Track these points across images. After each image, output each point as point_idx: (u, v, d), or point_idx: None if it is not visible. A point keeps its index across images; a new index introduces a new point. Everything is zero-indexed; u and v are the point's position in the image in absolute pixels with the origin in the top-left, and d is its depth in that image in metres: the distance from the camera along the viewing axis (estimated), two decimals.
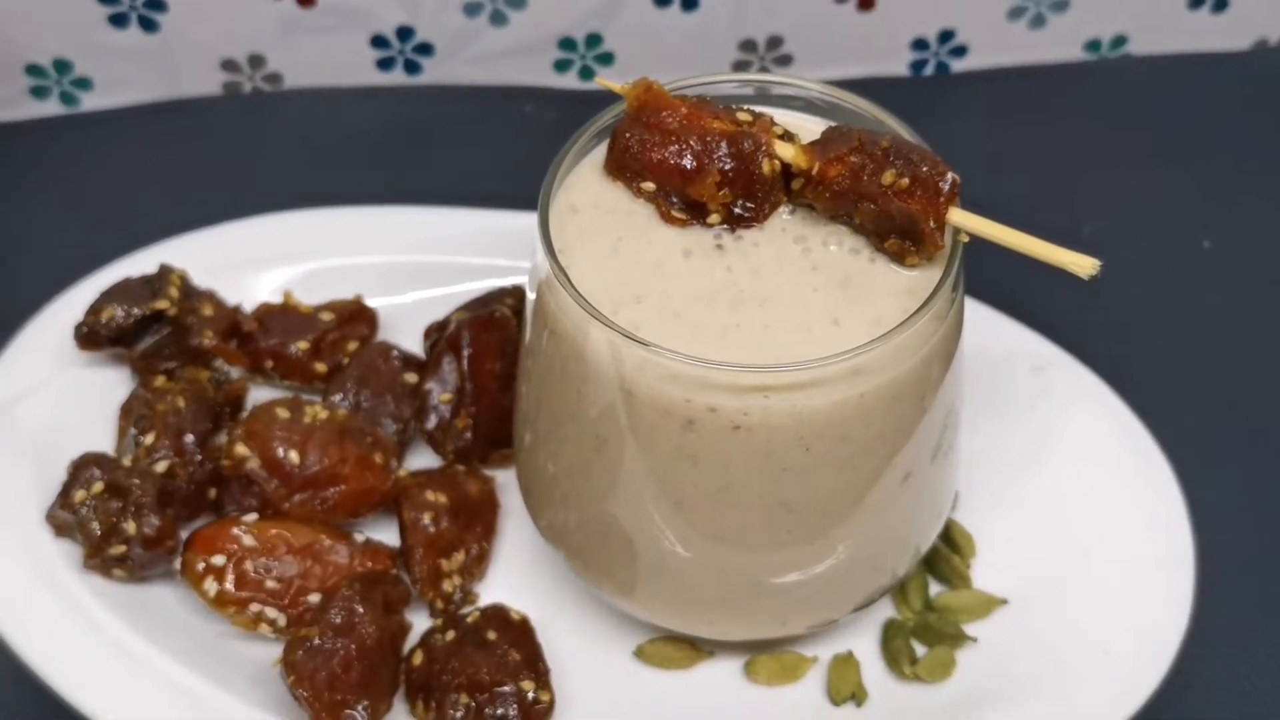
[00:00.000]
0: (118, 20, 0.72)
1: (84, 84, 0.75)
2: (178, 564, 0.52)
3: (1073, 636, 0.53)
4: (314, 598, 0.52)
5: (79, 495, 0.52)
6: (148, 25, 0.73)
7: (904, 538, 0.50)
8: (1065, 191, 0.73)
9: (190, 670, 0.51)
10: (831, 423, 0.44)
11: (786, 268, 0.46)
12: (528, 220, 0.49)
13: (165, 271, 0.58)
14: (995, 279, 0.57)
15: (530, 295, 0.50)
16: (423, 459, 0.60)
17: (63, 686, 0.49)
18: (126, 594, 0.53)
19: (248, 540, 0.52)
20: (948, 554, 0.56)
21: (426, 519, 0.55)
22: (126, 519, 0.51)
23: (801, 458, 0.44)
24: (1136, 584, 0.54)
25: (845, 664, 0.53)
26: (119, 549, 0.51)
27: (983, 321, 0.61)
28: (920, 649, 0.54)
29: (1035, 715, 0.50)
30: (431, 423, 0.58)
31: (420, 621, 0.54)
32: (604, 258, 0.47)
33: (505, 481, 0.59)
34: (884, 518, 0.48)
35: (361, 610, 0.50)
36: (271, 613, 0.52)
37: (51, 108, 0.76)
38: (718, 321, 0.45)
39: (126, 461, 0.53)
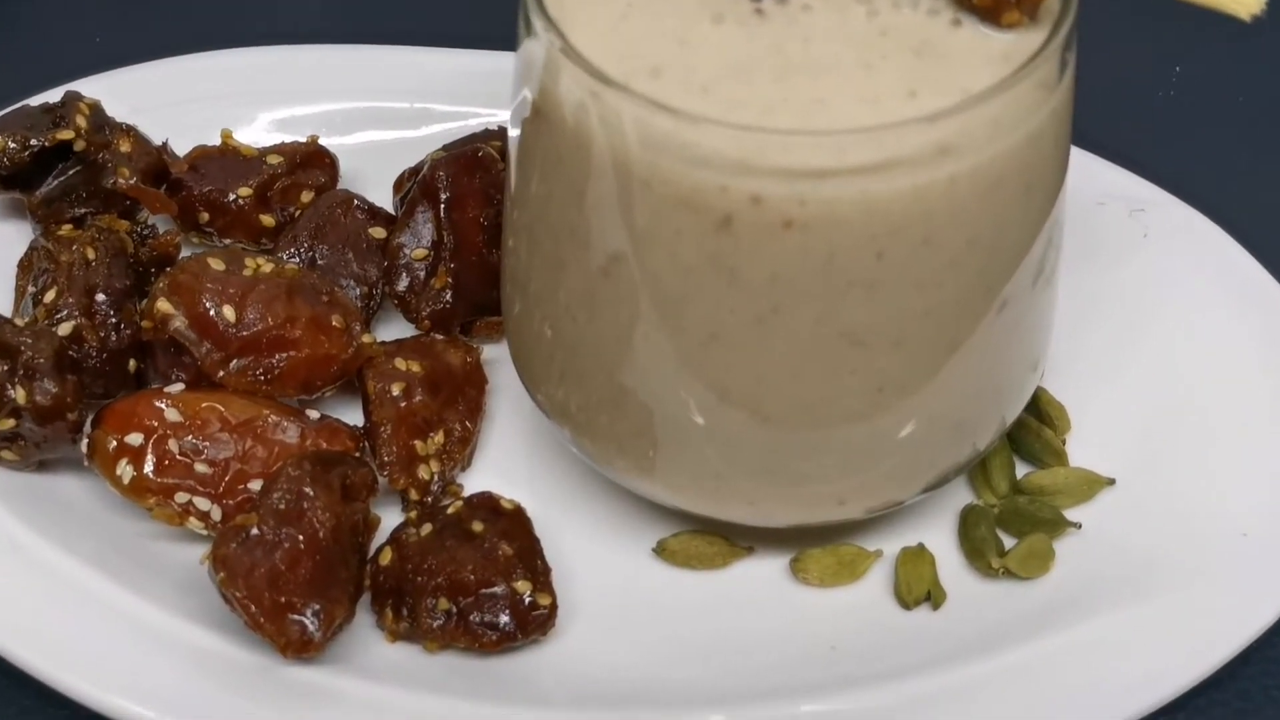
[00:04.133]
0: None
1: None
2: (84, 445, 0.43)
3: (1200, 519, 0.42)
4: (255, 485, 0.42)
5: None
6: None
7: (992, 392, 0.40)
8: None
9: (102, 575, 0.40)
10: (911, 218, 0.33)
11: (847, 33, 0.36)
12: (509, 61, 0.40)
13: (73, 98, 0.48)
14: (1080, 115, 0.47)
15: (514, 132, 0.41)
16: (393, 330, 0.49)
17: None
18: (21, 484, 0.43)
19: (172, 414, 0.42)
20: (1037, 427, 0.45)
21: (396, 390, 0.44)
22: (14, 385, 0.41)
23: (872, 269, 0.34)
24: (1274, 455, 0.45)
25: (917, 558, 0.43)
26: (6, 423, 0.41)
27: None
28: (1008, 541, 0.44)
29: (1161, 612, 0.40)
30: (403, 284, 0.48)
31: (390, 518, 0.44)
32: (611, 26, 0.36)
33: (493, 357, 0.49)
34: (972, 360, 0.38)
35: (312, 494, 0.40)
36: (202, 503, 0.41)
37: None
38: (758, 97, 0.34)
39: (19, 322, 0.44)
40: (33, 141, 0.45)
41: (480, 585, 0.40)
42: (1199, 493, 0.44)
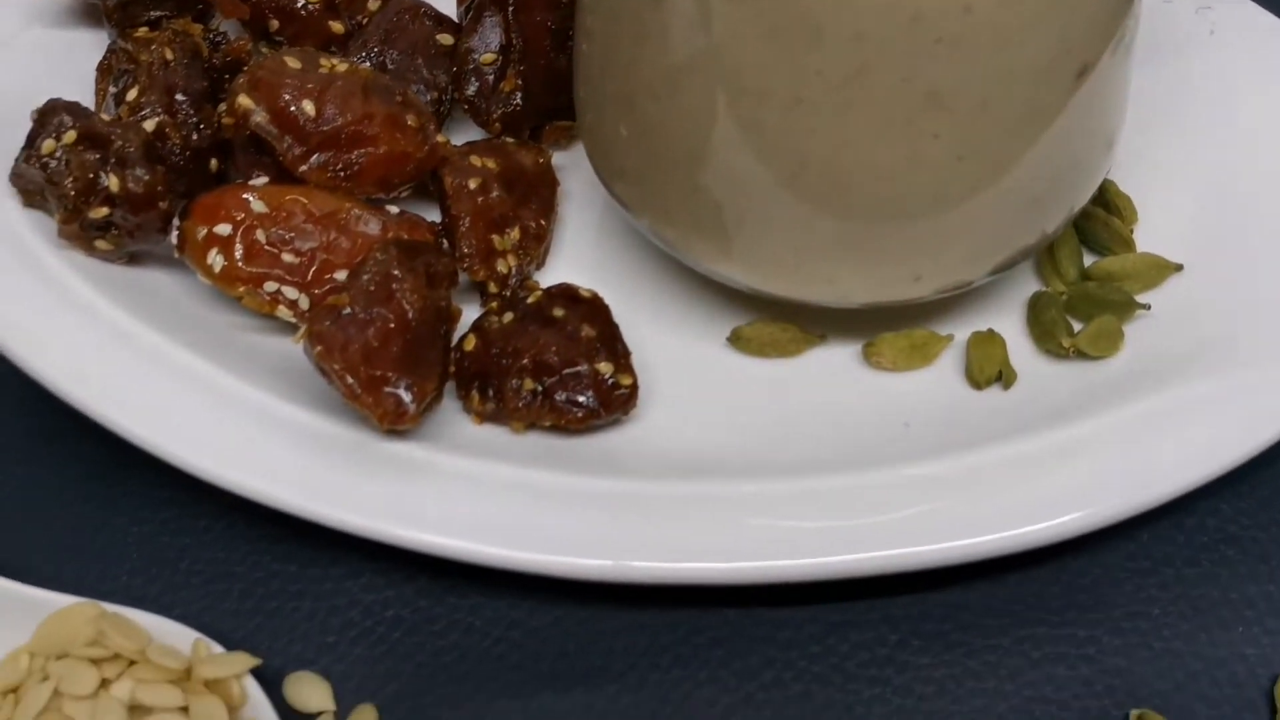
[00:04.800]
0: None
1: None
2: (174, 237, 0.44)
3: (1265, 304, 0.43)
4: (340, 275, 0.43)
5: (47, 145, 0.42)
6: None
7: (1068, 168, 0.40)
8: None
9: (204, 359, 0.41)
10: None
11: None
12: None
13: None
14: None
15: None
16: (464, 135, 0.49)
17: (56, 380, 0.40)
18: (119, 277, 0.44)
19: (258, 206, 0.43)
20: (1105, 218, 0.46)
21: (473, 184, 0.45)
22: (107, 173, 0.42)
23: (960, 22, 0.34)
24: None
25: (987, 341, 0.44)
26: (100, 211, 0.42)
27: None
28: (1076, 327, 0.45)
29: (1224, 388, 0.41)
30: (472, 88, 0.48)
31: (470, 314, 0.45)
32: None
33: (562, 163, 0.50)
34: (1050, 129, 0.38)
35: (400, 276, 0.41)
36: (290, 292, 0.43)
37: None
38: None
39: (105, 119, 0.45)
40: None
41: (564, 365, 0.42)
42: (1264, 278, 0.44)
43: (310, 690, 0.40)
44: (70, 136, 0.42)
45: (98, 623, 0.39)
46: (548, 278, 0.47)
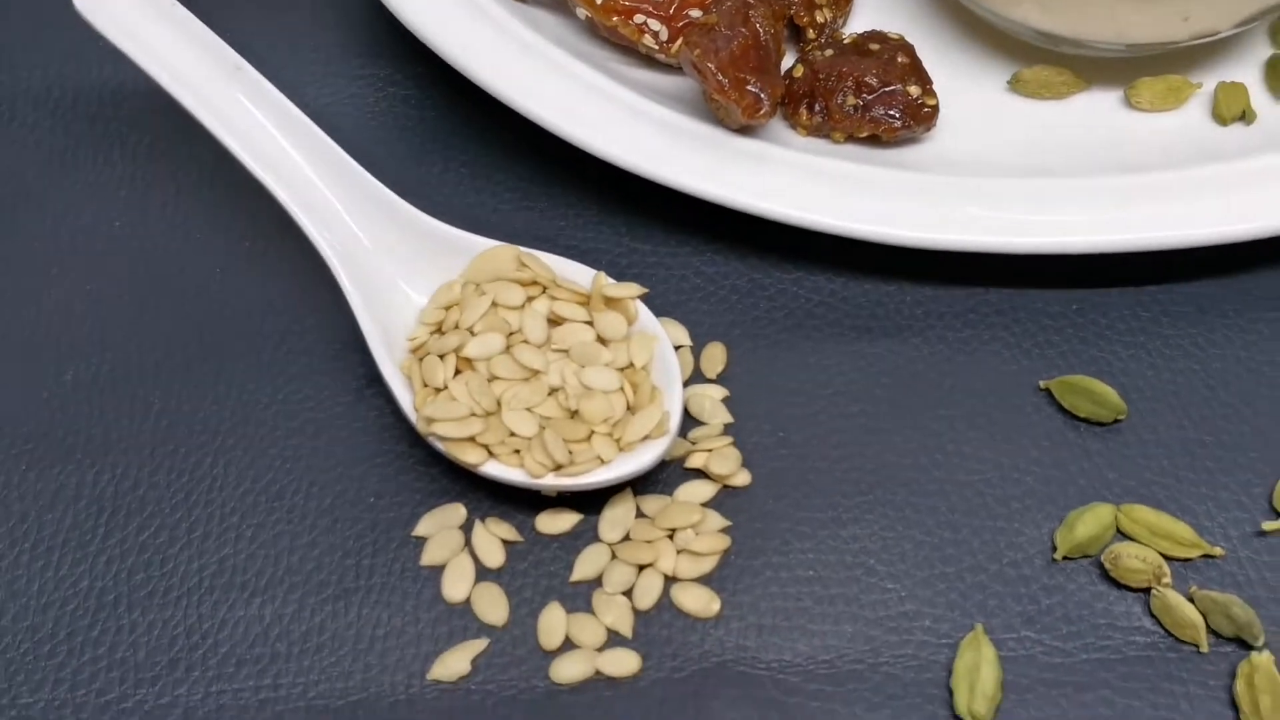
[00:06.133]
0: None
1: None
2: None
3: None
4: (695, 13, 0.53)
5: None
6: None
7: None
8: None
9: (587, 66, 0.51)
10: None
11: None
12: None
13: None
14: None
15: None
16: None
17: (490, 81, 0.50)
18: (520, 11, 0.54)
19: None
20: None
21: None
22: None
23: None
24: None
25: (1232, 86, 0.52)
26: None
27: None
28: None
29: None
30: None
31: (790, 59, 0.55)
32: None
33: None
34: None
35: (753, 4, 0.50)
36: (655, 25, 0.53)
37: None
38: None
39: None
40: None
41: (882, 85, 0.51)
42: None
43: (672, 329, 0.50)
44: None
45: (519, 258, 0.49)
46: (850, 29, 0.57)
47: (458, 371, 0.47)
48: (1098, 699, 0.42)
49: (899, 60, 0.52)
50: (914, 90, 0.52)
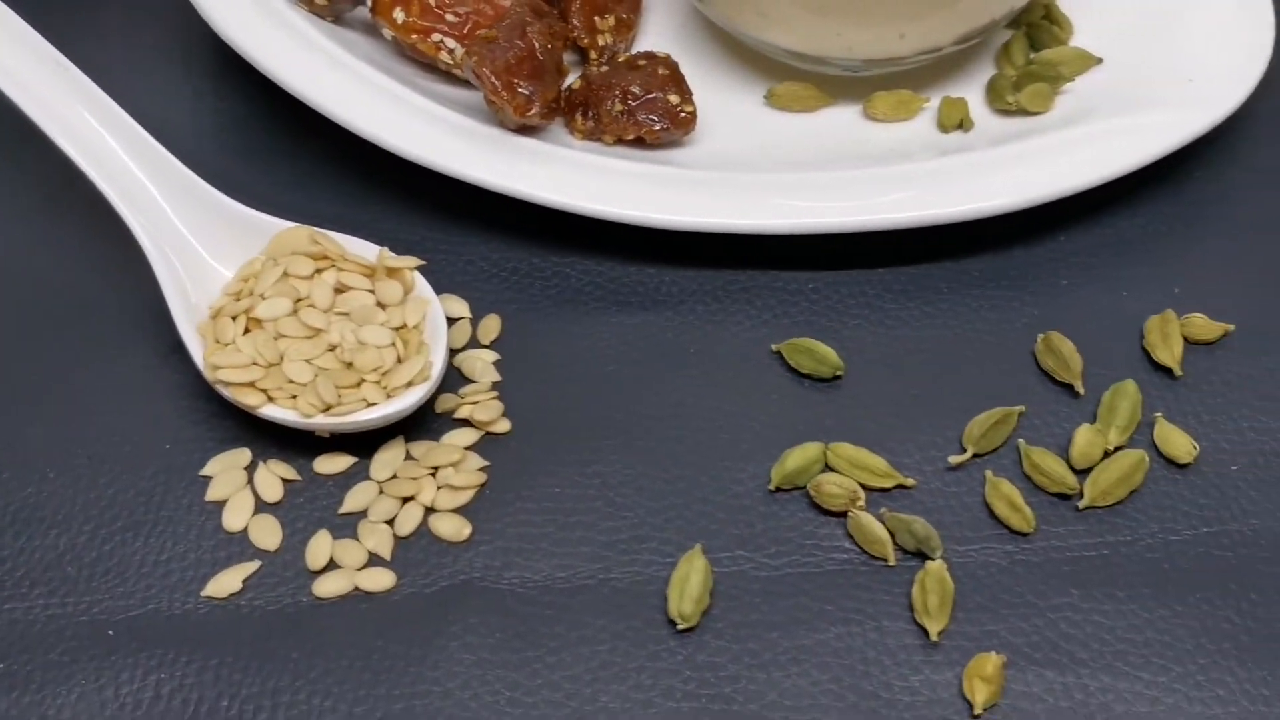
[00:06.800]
0: None
1: None
2: (369, 1, 0.60)
3: (1160, 75, 0.59)
4: (484, 32, 0.60)
5: None
6: None
7: None
8: None
9: (388, 78, 0.58)
10: None
11: None
12: None
13: None
14: None
15: None
16: None
17: (295, 84, 0.56)
18: (328, 31, 0.60)
19: None
20: (1049, 26, 0.62)
21: None
22: None
23: None
24: (1219, 39, 0.59)
25: (954, 101, 0.60)
26: None
27: None
28: None
29: (1119, 126, 0.56)
30: None
31: (577, 74, 0.62)
32: None
33: None
34: None
35: (531, 22, 0.58)
36: (450, 42, 0.60)
37: None
38: None
39: None
40: None
41: (645, 93, 0.58)
42: (1161, 60, 0.59)
43: (453, 303, 0.56)
44: None
45: (312, 236, 0.55)
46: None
47: (248, 331, 0.53)
48: (795, 604, 0.48)
49: (660, 72, 0.59)
50: (674, 98, 0.59)
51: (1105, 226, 0.58)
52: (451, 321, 0.56)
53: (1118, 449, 0.50)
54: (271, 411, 0.51)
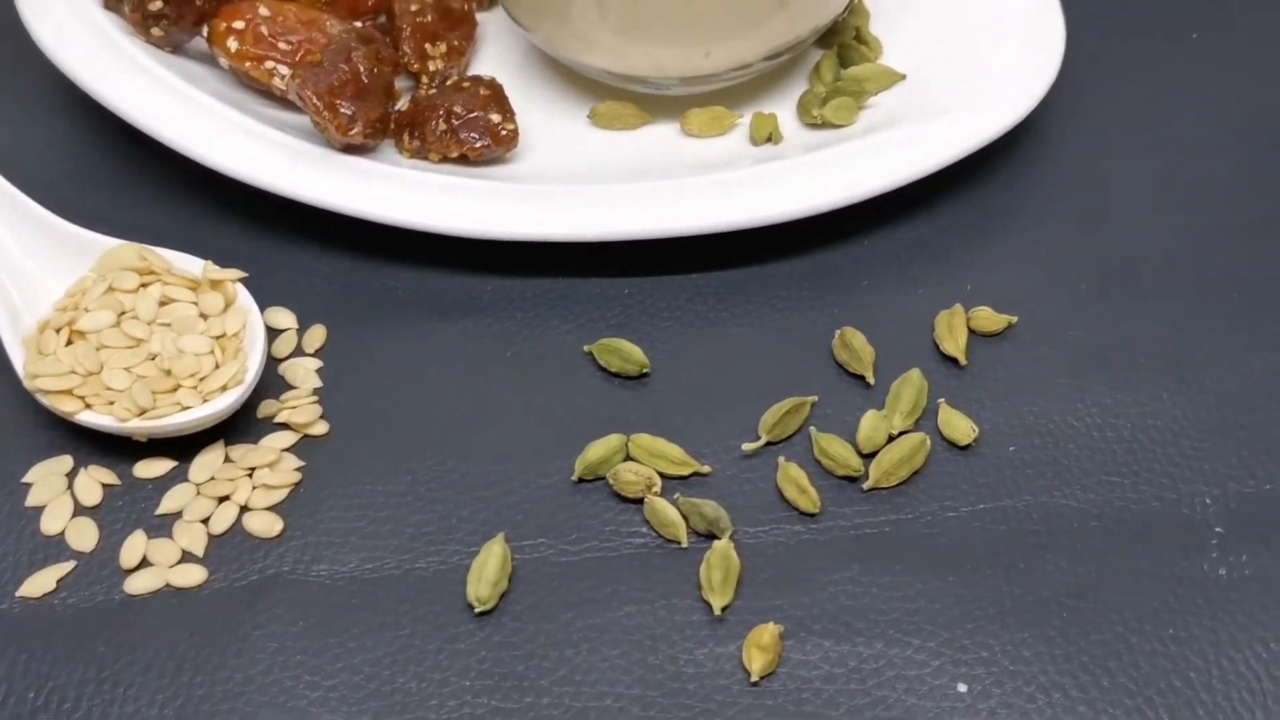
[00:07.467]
0: None
1: None
2: (205, 31, 0.63)
3: (957, 88, 0.62)
4: (312, 58, 0.62)
5: None
6: None
7: None
8: None
9: (226, 106, 0.60)
10: None
11: None
12: None
13: None
14: None
15: None
16: None
17: (129, 111, 0.58)
18: (168, 60, 0.62)
19: (264, 11, 0.62)
20: (857, 46, 0.66)
21: (414, 8, 0.64)
22: None
23: None
24: (1007, 64, 0.62)
25: (764, 117, 0.63)
26: (155, 4, 0.61)
27: None
28: None
29: (913, 135, 0.59)
30: None
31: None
32: None
33: (485, 18, 0.68)
34: None
35: (356, 47, 0.60)
36: (282, 69, 0.62)
37: None
38: None
39: None
40: None
41: (467, 112, 0.61)
42: (956, 82, 0.62)
43: (280, 315, 0.58)
44: None
45: (140, 252, 0.56)
46: None
47: (70, 342, 0.54)
48: (590, 586, 0.50)
49: (483, 93, 0.61)
50: (495, 117, 0.61)
51: (905, 230, 0.61)
52: (279, 332, 0.58)
53: (902, 433, 0.53)
54: (89, 417, 0.52)
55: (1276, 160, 0.64)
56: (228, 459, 0.53)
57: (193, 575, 0.50)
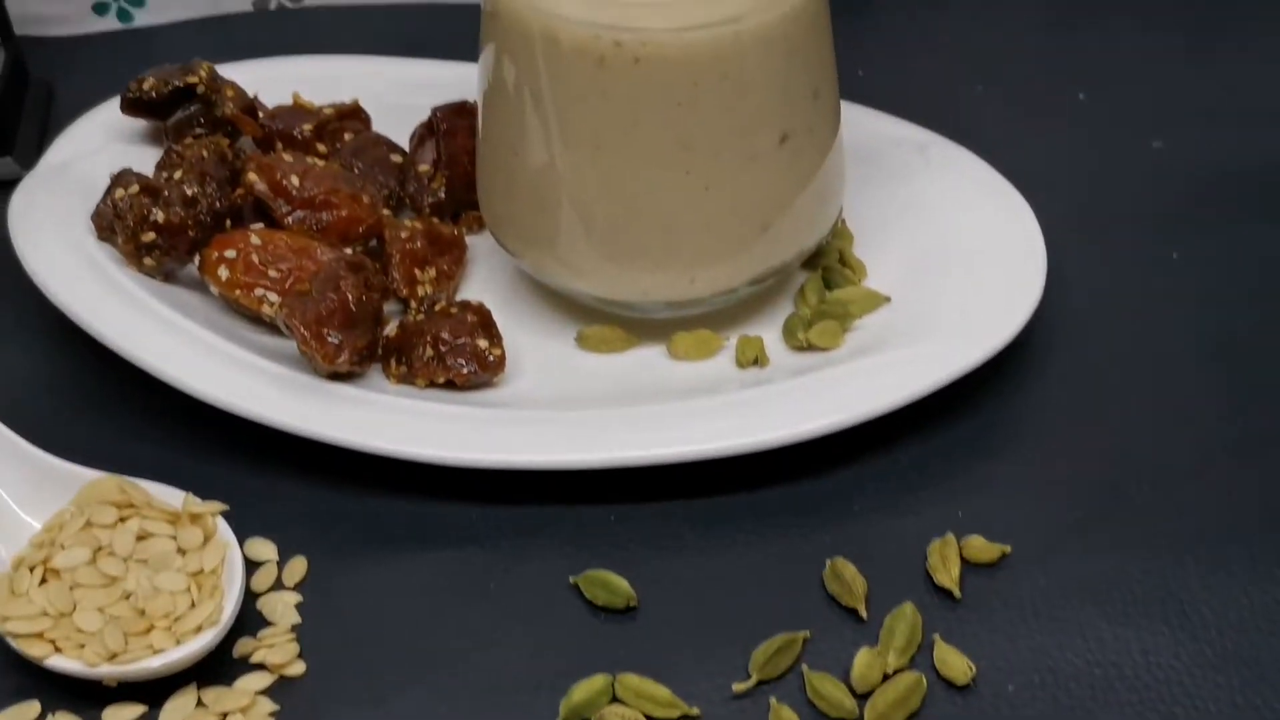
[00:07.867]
0: None
1: (138, 2, 0.90)
2: (197, 260, 0.63)
3: (942, 311, 0.62)
4: (301, 287, 0.63)
5: (118, 193, 0.63)
6: None
7: (790, 209, 0.60)
8: None
9: (214, 334, 0.60)
10: (713, 60, 0.55)
11: None
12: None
13: (196, 62, 0.71)
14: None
15: (479, 72, 0.62)
16: (404, 219, 0.70)
17: (119, 344, 0.59)
18: (158, 289, 0.63)
19: (255, 240, 0.63)
20: (842, 269, 0.66)
21: (404, 234, 0.65)
22: (156, 210, 0.62)
23: (690, 93, 0.55)
24: (990, 288, 0.63)
25: (750, 340, 0.63)
26: (149, 236, 0.62)
27: (876, 118, 0.72)
28: None
29: (900, 358, 0.59)
30: (412, 186, 0.70)
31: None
32: None
33: (474, 241, 0.70)
34: (767, 175, 0.59)
35: (345, 275, 0.61)
36: (272, 296, 0.62)
37: (110, 23, 0.91)
38: None
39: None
40: (172, 81, 0.68)
41: (454, 338, 0.61)
42: (941, 312, 0.62)
43: (261, 546, 0.57)
44: (134, 188, 0.63)
45: (120, 485, 0.55)
46: None
47: (45, 581, 0.53)
48: None
49: (470, 319, 0.62)
50: (482, 343, 0.61)
51: (897, 453, 0.61)
52: (258, 565, 0.57)
53: (897, 671, 0.52)
54: (57, 662, 0.51)
55: (1265, 376, 0.65)
56: (200, 703, 0.52)
57: None
